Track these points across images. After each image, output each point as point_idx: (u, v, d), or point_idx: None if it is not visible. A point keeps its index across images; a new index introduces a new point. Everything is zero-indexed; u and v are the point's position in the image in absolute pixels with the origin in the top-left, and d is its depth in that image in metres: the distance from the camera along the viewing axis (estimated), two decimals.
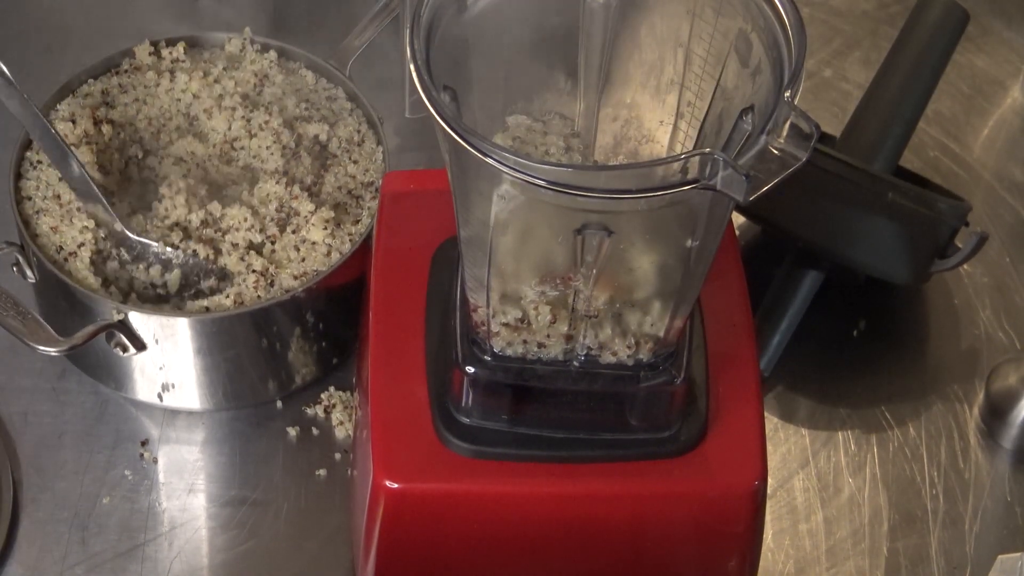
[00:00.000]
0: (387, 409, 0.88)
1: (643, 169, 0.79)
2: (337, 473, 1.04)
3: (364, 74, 1.15)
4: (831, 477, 1.06)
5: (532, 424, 0.86)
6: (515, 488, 0.86)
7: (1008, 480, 1.06)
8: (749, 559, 0.91)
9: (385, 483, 0.85)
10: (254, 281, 1.01)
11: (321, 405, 1.07)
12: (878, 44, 1.32)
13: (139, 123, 1.08)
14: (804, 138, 0.72)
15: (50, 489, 1.03)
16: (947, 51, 1.09)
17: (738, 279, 0.93)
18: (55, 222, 1.03)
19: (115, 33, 1.24)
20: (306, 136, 1.08)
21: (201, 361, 1.02)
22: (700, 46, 0.82)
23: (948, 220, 1.06)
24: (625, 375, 0.84)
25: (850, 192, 1.05)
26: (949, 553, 1.03)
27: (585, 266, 0.78)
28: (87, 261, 1.01)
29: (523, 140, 0.85)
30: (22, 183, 1.05)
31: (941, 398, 1.11)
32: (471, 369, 0.84)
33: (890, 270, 1.07)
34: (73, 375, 1.08)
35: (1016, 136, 1.28)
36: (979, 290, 1.16)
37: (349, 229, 1.04)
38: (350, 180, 1.07)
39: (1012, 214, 1.21)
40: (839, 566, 1.02)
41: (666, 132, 0.87)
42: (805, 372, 1.11)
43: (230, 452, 1.05)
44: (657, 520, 0.87)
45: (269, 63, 1.12)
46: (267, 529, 1.02)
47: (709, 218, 0.77)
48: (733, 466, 0.87)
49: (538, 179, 0.72)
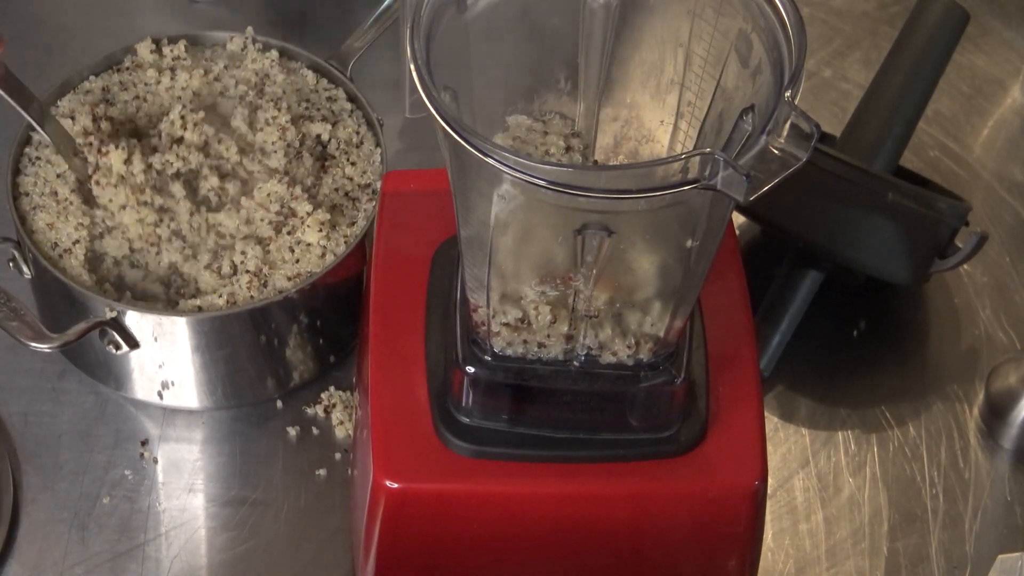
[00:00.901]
0: (387, 409, 0.88)
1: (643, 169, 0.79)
2: (337, 473, 1.04)
3: (365, 75, 1.15)
4: (831, 477, 1.06)
5: (532, 424, 0.86)
6: (515, 488, 0.86)
7: (1008, 480, 1.06)
8: (749, 559, 0.91)
9: (385, 483, 0.85)
10: (247, 281, 1.01)
11: (321, 405, 1.07)
12: (878, 44, 1.32)
13: (139, 120, 1.08)
14: (804, 138, 0.72)
15: (50, 489, 1.03)
16: (947, 51, 1.09)
17: (738, 279, 0.93)
18: (51, 218, 1.03)
19: (115, 33, 1.24)
20: (309, 135, 1.08)
21: (199, 358, 1.03)
22: (700, 46, 0.82)
23: (948, 220, 1.06)
24: (625, 375, 0.84)
25: (850, 192, 1.05)
26: (949, 553, 1.03)
27: (585, 266, 0.78)
28: (82, 258, 1.01)
29: (523, 140, 0.85)
30: (20, 179, 1.06)
31: (941, 398, 1.11)
32: (471, 369, 0.84)
33: (890, 270, 1.07)
34: (73, 375, 1.08)
35: (1016, 136, 1.28)
36: (979, 290, 1.16)
37: (344, 231, 1.04)
38: (347, 182, 1.07)
39: (1012, 214, 1.21)
40: (839, 566, 1.02)
41: (666, 132, 0.87)
42: (805, 372, 1.11)
43: (230, 452, 1.05)
44: (657, 520, 0.87)
45: (270, 63, 1.12)
46: (267, 529, 1.02)
47: (709, 218, 0.77)
48: (733, 466, 0.87)
49: (538, 179, 0.71)
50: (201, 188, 1.04)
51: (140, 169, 1.01)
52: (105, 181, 1.02)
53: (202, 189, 1.04)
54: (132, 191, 1.02)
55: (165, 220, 1.03)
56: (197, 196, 1.04)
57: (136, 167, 1.01)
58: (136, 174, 1.02)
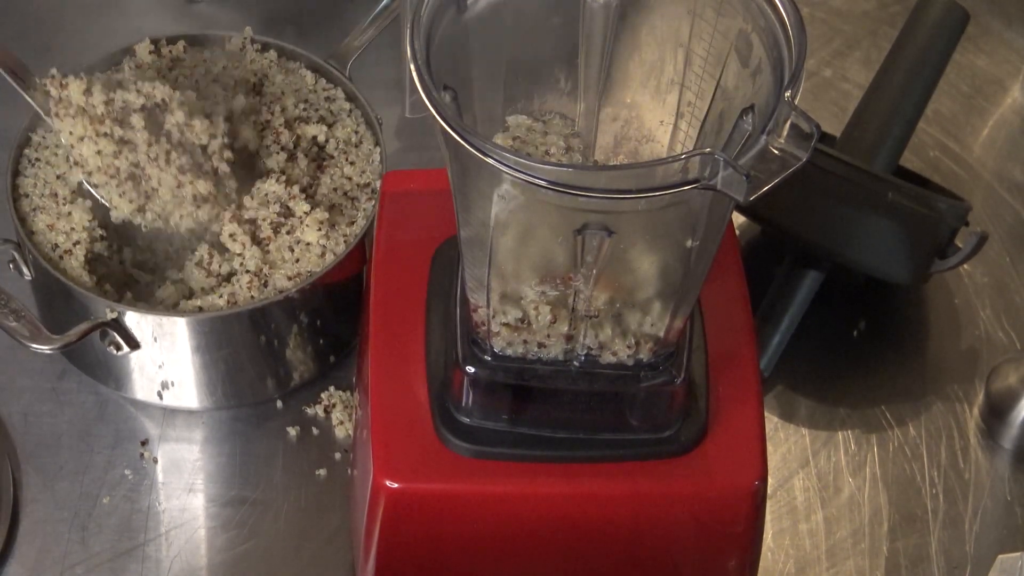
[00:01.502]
0: (387, 409, 0.88)
1: (643, 169, 0.79)
2: (337, 473, 1.04)
3: (364, 75, 1.15)
4: (831, 477, 1.06)
5: (532, 424, 0.86)
6: (515, 488, 0.86)
7: (1008, 480, 1.06)
8: (749, 559, 0.91)
9: (385, 483, 0.85)
10: (248, 281, 1.01)
11: (321, 405, 1.07)
12: (878, 44, 1.32)
13: None
14: (804, 138, 0.72)
15: (50, 489, 1.03)
16: (947, 51, 1.09)
17: (738, 279, 0.93)
18: (51, 220, 1.03)
19: (114, 33, 1.24)
20: (304, 137, 1.08)
21: (199, 359, 1.03)
22: (700, 46, 0.82)
23: (948, 220, 1.06)
24: (625, 375, 0.84)
25: (850, 192, 1.05)
26: (949, 553, 1.03)
27: (585, 266, 0.78)
28: (82, 259, 1.01)
29: (523, 140, 0.85)
30: (19, 180, 1.06)
31: (941, 398, 1.11)
32: (471, 369, 0.84)
33: (890, 270, 1.07)
34: (73, 375, 1.08)
35: (1016, 136, 1.28)
36: (979, 290, 1.16)
37: (344, 230, 1.04)
38: (346, 182, 1.07)
39: (1012, 214, 1.21)
40: (839, 566, 1.02)
41: (666, 132, 0.87)
42: (805, 372, 1.11)
43: (230, 452, 1.05)
44: (657, 520, 0.87)
45: (269, 63, 1.12)
46: (267, 529, 1.02)
47: (709, 218, 0.77)
48: (733, 466, 0.87)
49: (538, 179, 0.71)
50: (166, 122, 1.01)
51: (100, 100, 0.99)
52: (64, 112, 1.00)
53: (167, 123, 1.01)
54: (91, 122, 1.00)
55: (124, 152, 1.01)
56: (161, 131, 1.01)
57: (96, 98, 0.99)
58: (96, 105, 0.99)
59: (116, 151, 1.00)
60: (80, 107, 1.00)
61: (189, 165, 1.01)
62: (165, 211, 1.02)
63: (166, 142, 1.01)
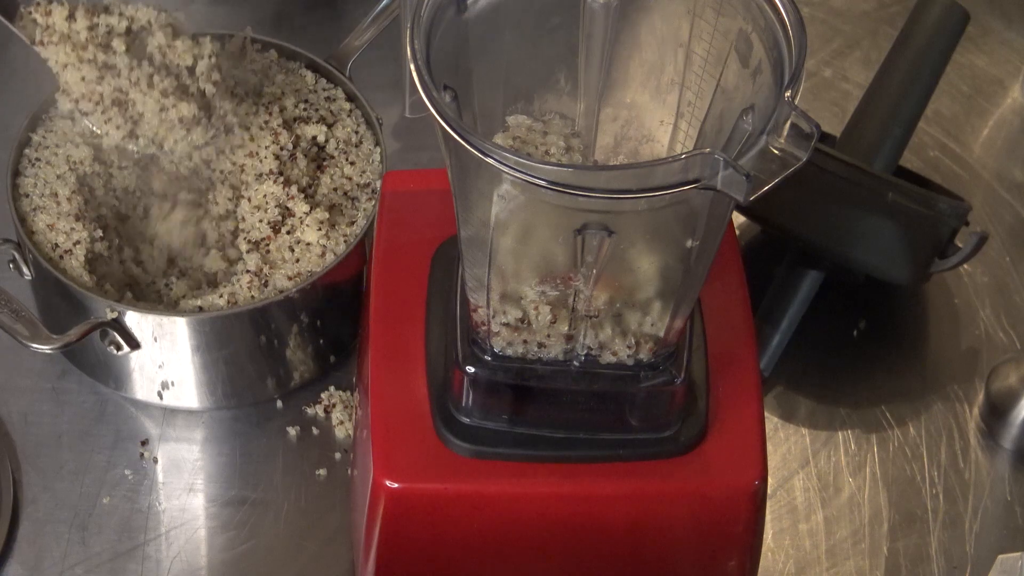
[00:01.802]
0: (387, 409, 0.88)
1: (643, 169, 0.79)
2: (337, 473, 1.04)
3: (363, 74, 1.15)
4: (831, 477, 1.06)
5: (532, 424, 0.86)
6: (515, 488, 0.86)
7: (1008, 480, 1.06)
8: (749, 559, 0.91)
9: (385, 483, 0.85)
10: (248, 281, 1.01)
11: (321, 405, 1.07)
12: (878, 44, 1.32)
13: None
14: (804, 138, 0.72)
15: (50, 489, 1.03)
16: (947, 51, 1.09)
17: (738, 279, 0.93)
18: (51, 219, 1.03)
19: None
20: (304, 138, 1.08)
21: (199, 359, 1.03)
22: (700, 46, 0.82)
23: (948, 220, 1.06)
24: (625, 375, 0.84)
25: (850, 192, 1.05)
26: (949, 553, 1.03)
27: (585, 266, 0.78)
28: (82, 259, 1.01)
29: (523, 140, 0.85)
30: (20, 180, 1.06)
31: (941, 398, 1.11)
32: (471, 369, 0.84)
33: (890, 270, 1.07)
34: (73, 375, 1.08)
35: (1016, 136, 1.28)
36: (979, 290, 1.16)
37: (344, 230, 1.04)
38: (346, 182, 1.07)
39: (1012, 214, 1.21)
40: (839, 566, 1.02)
41: (666, 132, 0.87)
42: (805, 372, 1.11)
43: (230, 452, 1.05)
44: (657, 520, 0.87)
45: (269, 62, 1.12)
46: (267, 529, 1.02)
47: (709, 218, 0.77)
48: (733, 466, 0.87)
49: (538, 179, 0.71)
50: (149, 44, 1.00)
51: (84, 26, 0.99)
52: (48, 39, 0.99)
53: (149, 46, 1.00)
54: (74, 48, 0.99)
55: (107, 77, 1.00)
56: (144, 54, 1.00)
57: (80, 24, 0.99)
58: (80, 31, 0.99)
59: (99, 77, 0.99)
60: (64, 34, 0.99)
61: (173, 88, 1.00)
62: (157, 136, 1.01)
63: (148, 65, 1.00)
